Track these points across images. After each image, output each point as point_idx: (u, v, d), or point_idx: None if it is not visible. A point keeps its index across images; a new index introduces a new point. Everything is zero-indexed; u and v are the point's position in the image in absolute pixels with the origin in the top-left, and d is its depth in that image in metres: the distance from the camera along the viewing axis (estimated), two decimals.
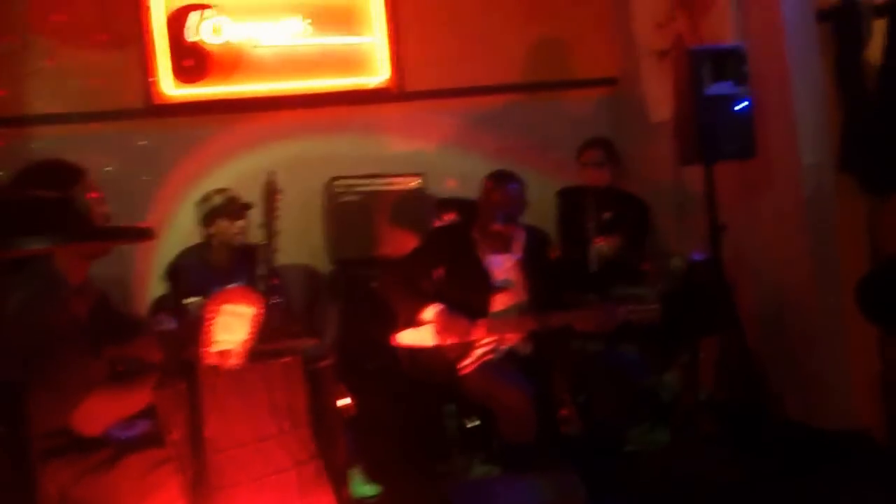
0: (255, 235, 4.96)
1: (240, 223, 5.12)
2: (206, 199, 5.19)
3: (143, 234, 2.14)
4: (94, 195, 3.00)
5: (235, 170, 6.02)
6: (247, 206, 5.05)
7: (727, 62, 4.75)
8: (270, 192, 4.13)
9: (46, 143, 5.93)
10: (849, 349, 4.76)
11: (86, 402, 2.81)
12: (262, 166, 4.45)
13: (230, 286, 4.90)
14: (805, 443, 4.69)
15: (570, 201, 5.54)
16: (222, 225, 5.16)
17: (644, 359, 4.85)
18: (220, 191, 5.18)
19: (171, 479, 2.79)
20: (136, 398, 2.88)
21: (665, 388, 5.28)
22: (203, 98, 6.29)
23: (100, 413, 2.86)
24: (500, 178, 4.57)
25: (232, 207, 5.12)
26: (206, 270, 5.06)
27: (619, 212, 5.32)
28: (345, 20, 6.52)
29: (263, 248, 4.10)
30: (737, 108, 4.71)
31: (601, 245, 5.03)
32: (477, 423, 4.64)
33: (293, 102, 6.40)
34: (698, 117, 4.74)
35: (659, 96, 5.94)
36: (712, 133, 4.73)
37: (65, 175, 3.01)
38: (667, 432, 5.11)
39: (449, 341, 4.40)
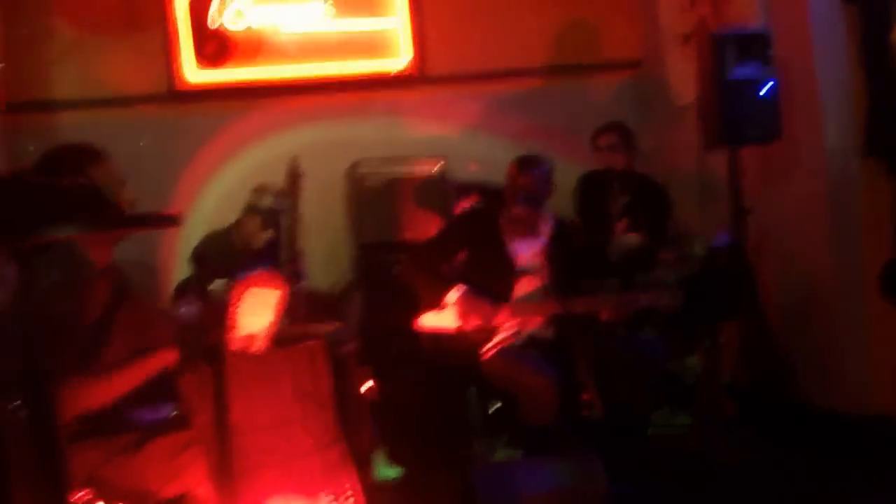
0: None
1: (269, 233, 5.15)
2: (259, 191, 5.21)
3: (170, 221, 2.16)
4: (116, 178, 3.02)
5: (258, 155, 6.06)
6: (275, 220, 5.03)
7: (751, 45, 4.74)
8: (293, 178, 4.14)
9: (70, 128, 5.97)
10: (871, 334, 4.75)
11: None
12: (285, 151, 4.47)
13: (255, 270, 4.97)
14: (826, 427, 4.68)
15: (592, 186, 5.52)
16: (253, 224, 5.19)
17: (666, 343, 4.84)
18: (278, 192, 5.19)
19: (196, 462, 2.82)
20: (125, 378, 2.87)
21: (687, 372, 5.28)
22: (225, 83, 6.31)
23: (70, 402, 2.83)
24: (525, 163, 4.56)
25: (270, 215, 5.15)
26: (231, 254, 5.09)
27: (639, 196, 5.30)
28: (367, 4, 6.53)
29: (287, 232, 4.12)
30: (761, 91, 4.69)
31: (624, 238, 5.01)
32: (498, 406, 4.67)
33: (315, 87, 6.41)
34: (722, 101, 4.72)
35: (683, 80, 5.91)
36: (736, 117, 4.72)
37: (85, 157, 3.03)
38: (688, 416, 5.12)
39: (471, 325, 4.41)
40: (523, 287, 4.46)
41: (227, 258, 5.04)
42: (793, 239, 5.13)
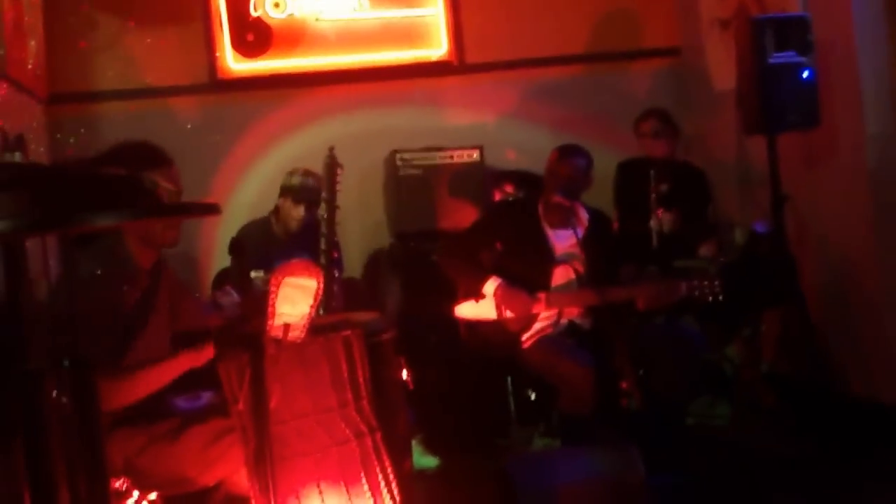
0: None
1: (300, 210, 5.18)
2: (290, 173, 5.27)
3: (210, 210, 2.17)
4: (171, 185, 3.06)
5: (297, 144, 6.09)
6: (315, 198, 5.06)
7: (791, 31, 4.69)
8: (331, 167, 4.16)
9: (111, 119, 6.04)
10: None
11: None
12: (324, 140, 4.48)
13: (293, 260, 5.01)
14: (867, 418, 4.64)
15: (631, 174, 5.50)
16: (286, 204, 5.23)
17: (705, 332, 4.82)
18: (305, 172, 5.23)
19: (234, 449, 2.86)
20: (128, 390, 2.91)
21: (726, 361, 5.25)
22: (265, 72, 6.34)
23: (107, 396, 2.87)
24: (567, 152, 4.55)
25: (300, 192, 5.18)
26: (270, 244, 5.13)
27: (678, 183, 5.27)
28: None
29: (325, 222, 4.14)
30: (801, 77, 4.65)
31: (661, 219, 4.99)
32: (533, 396, 4.67)
33: (354, 76, 6.42)
34: (762, 87, 4.69)
35: (722, 66, 5.87)
36: (776, 103, 4.68)
37: (146, 158, 3.07)
38: (728, 406, 5.10)
39: (509, 314, 4.42)
40: (561, 276, 4.46)
41: (266, 247, 5.07)
42: (834, 226, 5.08)
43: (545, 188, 4.56)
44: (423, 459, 4.70)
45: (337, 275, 4.18)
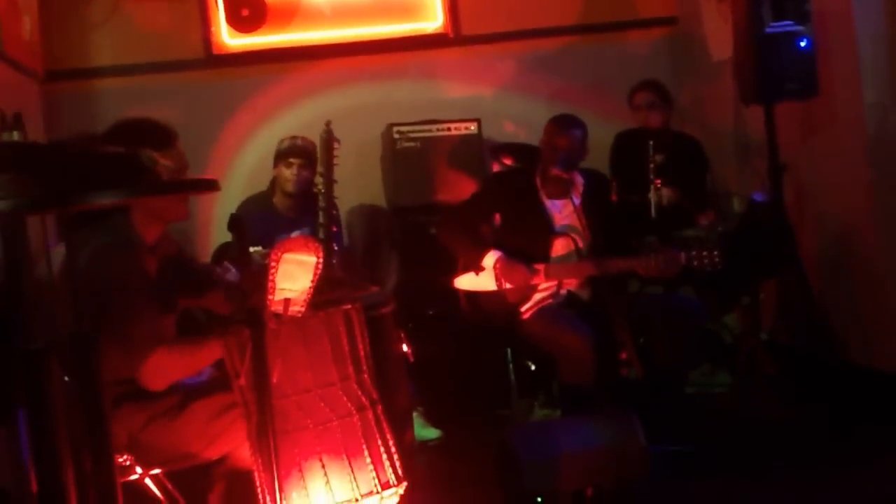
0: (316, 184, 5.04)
1: (292, 170, 5.18)
2: (280, 140, 5.28)
3: (207, 186, 2.17)
4: (170, 162, 3.06)
5: (293, 118, 6.07)
6: (305, 156, 5.09)
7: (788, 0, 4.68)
8: (327, 142, 4.15)
9: (108, 95, 6.03)
10: None
11: (152, 357, 2.89)
12: (320, 114, 4.48)
13: (293, 235, 5.04)
14: (866, 385, 4.67)
15: (628, 145, 5.50)
16: (280, 171, 5.23)
17: (704, 301, 4.83)
18: (292, 137, 5.25)
19: (237, 424, 2.87)
20: (203, 355, 2.95)
21: (726, 330, 5.27)
22: (260, 47, 6.32)
23: (166, 368, 2.93)
24: (563, 123, 4.54)
25: (289, 152, 5.19)
26: (270, 218, 5.14)
27: (675, 153, 5.27)
28: None
29: (322, 196, 4.14)
30: (798, 46, 4.63)
31: (661, 193, 4.99)
32: (533, 367, 4.69)
33: (350, 49, 6.40)
34: (759, 56, 4.68)
35: (719, 35, 5.84)
36: (773, 72, 4.67)
37: (150, 135, 3.08)
38: (727, 375, 5.12)
39: (508, 286, 4.43)
40: (560, 247, 4.47)
41: (266, 221, 5.08)
42: (832, 194, 5.09)
43: (542, 159, 4.55)
44: (424, 431, 4.73)
45: (336, 249, 4.18)
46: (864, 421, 4.36)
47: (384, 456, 2.83)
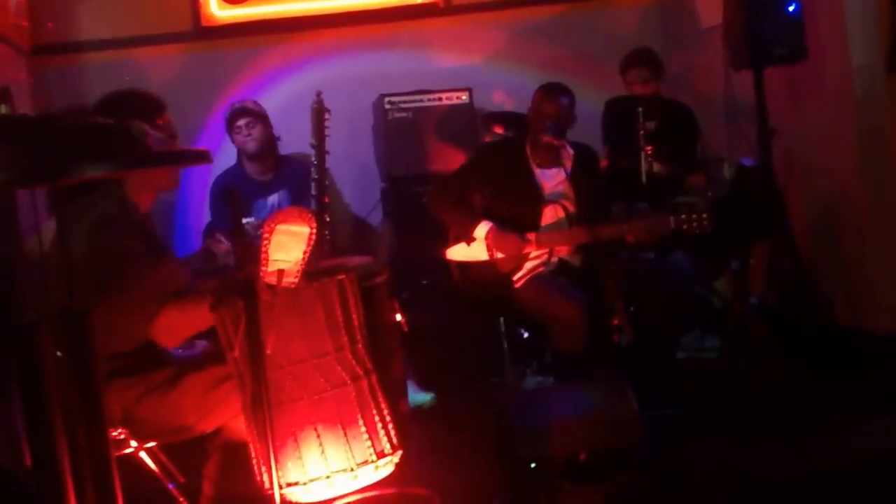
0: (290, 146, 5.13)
1: (242, 129, 5.25)
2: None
3: (200, 157, 2.17)
4: (160, 133, 3.06)
5: (284, 90, 6.06)
6: (247, 110, 5.18)
7: None
8: (318, 112, 4.15)
9: (96, 69, 6.00)
10: None
11: (163, 314, 2.90)
12: (311, 86, 4.46)
13: (268, 199, 5.07)
14: (854, 347, 4.70)
15: (618, 112, 5.48)
16: (234, 138, 5.28)
17: (694, 266, 4.85)
18: (231, 104, 5.31)
19: (231, 396, 2.89)
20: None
21: (716, 294, 5.30)
22: (250, 18, 6.29)
23: (178, 324, 2.95)
24: (551, 90, 4.54)
25: (232, 115, 5.24)
26: (242, 185, 5.16)
27: (665, 121, 5.26)
28: None
29: (315, 167, 4.14)
30: (787, 10, 4.63)
31: (652, 160, 4.99)
32: (526, 335, 4.71)
33: (341, 20, 6.37)
34: (748, 21, 4.68)
35: (708, 1, 5.83)
36: (762, 37, 4.68)
37: (140, 105, 3.08)
38: (718, 339, 5.15)
39: (500, 256, 4.44)
40: (550, 215, 4.48)
41: (243, 189, 5.10)
42: (820, 158, 5.10)
43: (531, 128, 4.55)
44: (418, 396, 4.75)
45: (328, 220, 4.19)
46: (850, 380, 4.40)
47: (379, 425, 2.85)
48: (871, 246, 4.80)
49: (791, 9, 4.64)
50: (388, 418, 2.90)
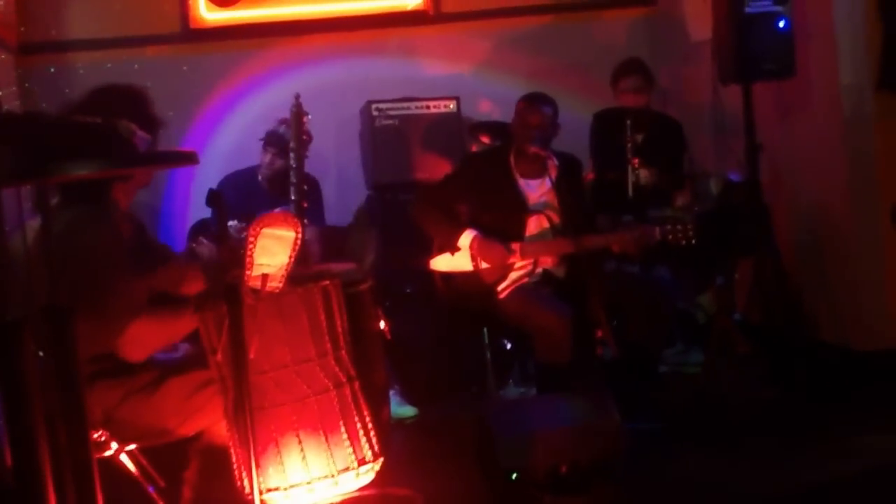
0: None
1: (267, 157, 5.19)
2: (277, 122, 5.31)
3: (186, 158, 2.16)
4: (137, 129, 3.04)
5: (272, 94, 6.03)
6: (282, 144, 5.09)
7: None
8: (297, 115, 4.13)
9: (84, 69, 5.97)
10: (886, 270, 4.76)
11: (132, 327, 2.87)
12: (299, 90, 4.47)
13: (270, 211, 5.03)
14: (838, 364, 4.72)
15: (606, 124, 5.49)
16: (266, 153, 5.25)
17: (679, 280, 4.86)
18: (282, 121, 5.25)
19: (213, 400, 2.87)
20: (182, 324, 2.93)
21: (700, 309, 5.30)
22: (239, 22, 6.28)
23: (146, 338, 2.92)
24: (534, 100, 4.54)
25: (267, 138, 5.20)
26: (253, 194, 5.13)
27: (654, 133, 5.28)
28: None
29: (294, 171, 4.12)
30: (777, 26, 4.65)
31: (639, 173, 5.00)
32: (509, 346, 4.71)
33: (330, 25, 6.37)
34: (737, 36, 4.69)
35: (698, 15, 5.85)
36: (751, 52, 4.69)
37: (128, 99, 3.06)
38: (701, 354, 5.15)
39: (484, 266, 4.43)
40: (534, 226, 4.48)
41: (248, 198, 5.07)
42: (807, 175, 5.12)
43: (515, 138, 4.55)
44: (401, 409, 4.74)
45: (307, 223, 4.17)
46: (833, 398, 4.41)
47: (361, 432, 2.84)
48: (857, 263, 4.81)
49: (781, 24, 4.66)
50: (369, 425, 2.89)
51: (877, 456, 3.80)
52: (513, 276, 4.47)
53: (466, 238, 4.42)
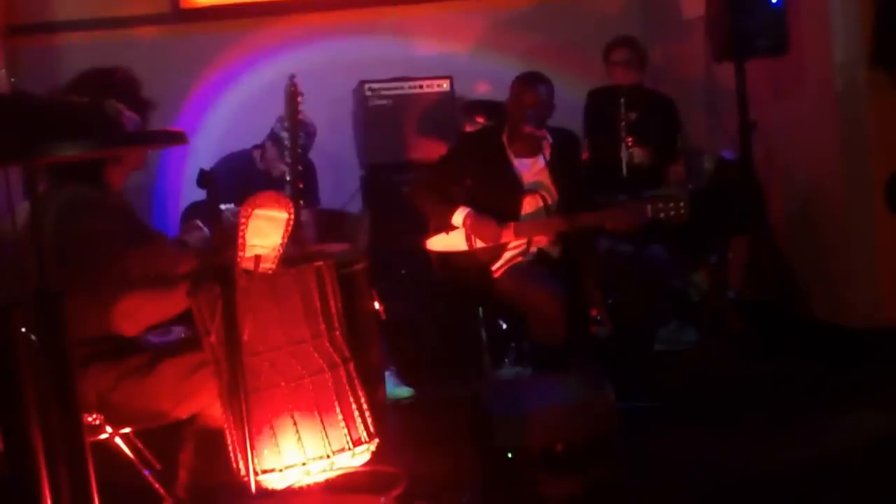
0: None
1: (267, 153, 5.17)
2: (282, 119, 5.27)
3: (177, 139, 2.15)
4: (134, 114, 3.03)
5: (264, 74, 6.00)
6: (278, 141, 5.09)
7: None
8: (291, 96, 4.10)
9: (72, 50, 5.93)
10: (879, 247, 4.76)
11: (126, 300, 2.85)
12: (291, 70, 4.44)
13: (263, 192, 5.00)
14: (831, 342, 4.72)
15: (600, 102, 5.49)
16: (272, 150, 5.23)
17: (673, 259, 4.85)
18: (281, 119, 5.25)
19: (208, 383, 2.86)
20: (175, 298, 2.91)
21: (694, 287, 5.31)
22: (230, 1, 6.24)
23: (140, 312, 2.91)
24: (530, 79, 4.52)
25: (270, 135, 5.17)
26: (251, 178, 5.11)
27: (647, 111, 5.27)
28: None
29: (287, 151, 4.10)
30: (770, 3, 4.64)
31: (632, 152, 4.99)
32: (505, 325, 4.70)
33: (322, 4, 6.34)
34: (731, 13, 4.69)
35: None
36: (745, 29, 4.69)
37: (115, 80, 3.05)
38: (695, 332, 5.16)
39: (479, 244, 4.42)
40: (529, 205, 4.47)
41: (246, 181, 5.05)
42: (800, 152, 5.11)
43: (510, 118, 4.53)
44: (397, 390, 4.74)
45: (303, 204, 4.15)
46: (827, 375, 4.42)
47: (356, 413, 2.84)
48: (850, 240, 4.81)
49: (774, 1, 4.65)
50: (364, 406, 2.89)
51: (868, 432, 3.80)
52: (507, 255, 4.46)
53: (460, 215, 4.41)
